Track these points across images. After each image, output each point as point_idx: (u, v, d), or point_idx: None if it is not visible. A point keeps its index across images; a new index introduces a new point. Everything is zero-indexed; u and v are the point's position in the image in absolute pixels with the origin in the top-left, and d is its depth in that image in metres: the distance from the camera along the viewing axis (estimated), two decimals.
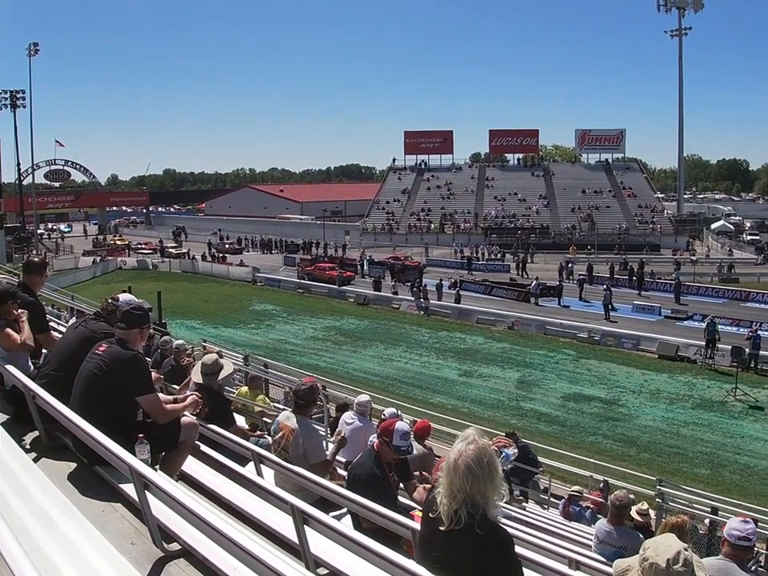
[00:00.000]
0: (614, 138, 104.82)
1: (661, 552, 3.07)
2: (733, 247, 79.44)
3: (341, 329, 47.29)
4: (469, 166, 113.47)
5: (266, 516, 5.34)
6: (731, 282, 60.43)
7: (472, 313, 49.09)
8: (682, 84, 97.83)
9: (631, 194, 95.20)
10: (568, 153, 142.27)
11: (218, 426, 7.65)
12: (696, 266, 65.97)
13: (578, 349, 40.85)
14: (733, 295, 54.96)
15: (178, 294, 57.30)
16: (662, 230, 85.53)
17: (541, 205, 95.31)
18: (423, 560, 3.88)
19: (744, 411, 30.66)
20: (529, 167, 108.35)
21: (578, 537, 10.43)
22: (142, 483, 4.30)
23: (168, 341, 14.65)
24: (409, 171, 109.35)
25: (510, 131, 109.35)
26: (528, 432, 27.24)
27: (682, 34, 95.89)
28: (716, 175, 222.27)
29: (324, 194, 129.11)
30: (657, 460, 25.68)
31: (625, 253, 73.26)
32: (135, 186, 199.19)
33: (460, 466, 3.70)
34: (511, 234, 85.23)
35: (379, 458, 6.65)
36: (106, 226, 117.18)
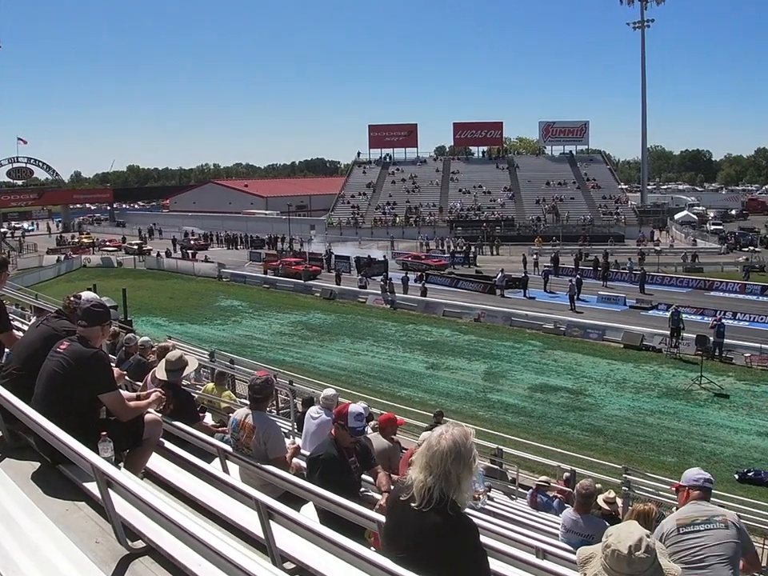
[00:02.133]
0: (578, 129, 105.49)
1: (623, 539, 3.08)
2: (696, 237, 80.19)
3: (307, 323, 47.26)
4: (434, 159, 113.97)
5: (233, 512, 5.31)
6: (695, 272, 61.05)
7: (438, 306, 49.21)
8: (644, 76, 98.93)
9: (595, 186, 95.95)
10: (532, 145, 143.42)
11: (184, 423, 7.64)
12: (660, 256, 66.48)
13: (544, 340, 41.05)
14: (697, 284, 55.49)
15: (143, 291, 56.93)
16: (626, 221, 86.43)
17: (506, 197, 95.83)
18: (389, 551, 3.88)
19: (709, 399, 30.96)
20: (493, 160, 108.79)
21: (546, 526, 10.50)
22: (104, 481, 4.26)
23: (132, 338, 14.57)
24: (374, 165, 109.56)
25: (474, 124, 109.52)
26: (495, 423, 27.50)
27: (644, 26, 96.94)
28: (679, 166, 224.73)
29: (289, 189, 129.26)
30: (624, 449, 25.86)
31: (590, 244, 73.85)
32: (99, 183, 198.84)
33: (444, 441, 3.74)
34: (476, 227, 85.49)
35: (337, 443, 6.66)
36: (70, 223, 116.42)
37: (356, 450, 6.85)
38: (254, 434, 6.67)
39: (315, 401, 12.71)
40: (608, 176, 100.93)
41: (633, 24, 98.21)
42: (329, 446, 6.65)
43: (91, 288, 22.15)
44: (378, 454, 9.06)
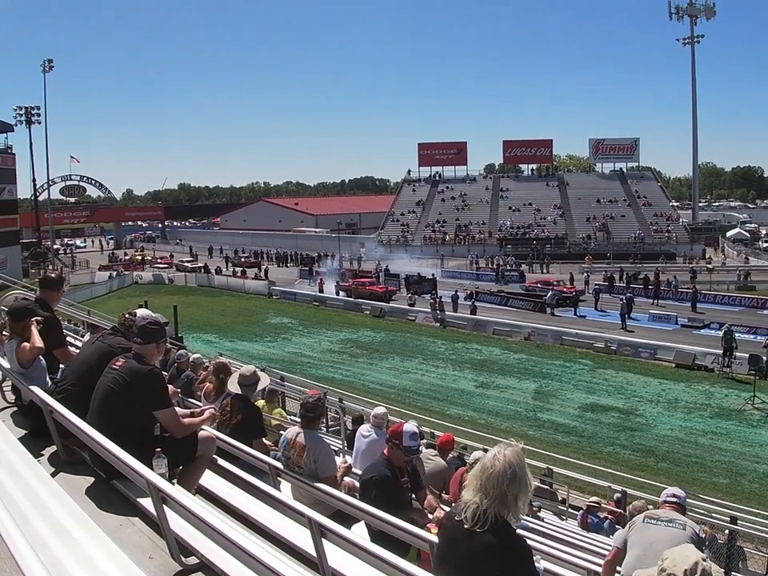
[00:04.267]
0: (628, 146, 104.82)
1: (678, 563, 3.06)
2: (749, 255, 79.13)
3: (357, 341, 47.29)
4: (483, 176, 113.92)
5: (285, 530, 5.34)
6: (748, 290, 60.27)
7: (488, 324, 49.03)
8: (695, 92, 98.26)
9: (646, 203, 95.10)
10: (582, 162, 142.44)
11: (249, 435, 7.83)
12: (712, 274, 65.75)
13: (595, 359, 40.71)
14: (749, 303, 54.73)
15: (193, 308, 57.41)
16: (677, 239, 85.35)
17: (556, 215, 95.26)
18: (441, 571, 3.88)
19: (762, 420, 30.46)
20: (543, 177, 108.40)
21: (596, 548, 10.39)
22: (159, 497, 4.31)
23: (184, 354, 14.69)
24: (423, 183, 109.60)
25: (523, 141, 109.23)
26: (545, 443, 27.28)
27: (694, 41, 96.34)
28: (731, 183, 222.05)
29: (339, 207, 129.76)
30: (675, 470, 25.54)
31: (641, 262, 73.24)
32: (150, 201, 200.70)
33: (498, 463, 3.76)
34: (526, 245, 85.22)
35: (390, 462, 6.64)
36: (122, 240, 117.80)
37: (407, 471, 6.85)
38: (305, 452, 6.69)
39: (365, 419, 12.75)
40: (659, 193, 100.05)
41: (683, 40, 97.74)
42: (382, 466, 6.63)
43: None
44: (436, 475, 9.09)
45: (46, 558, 3.77)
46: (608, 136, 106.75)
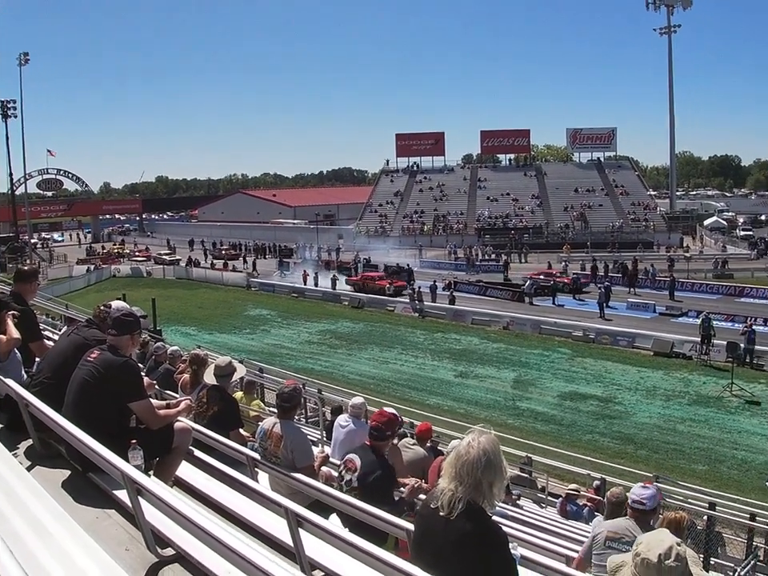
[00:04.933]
0: (606, 136, 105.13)
1: (653, 547, 3.06)
2: (726, 243, 79.51)
3: (336, 332, 47.32)
4: (461, 167, 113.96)
5: (262, 520, 5.31)
6: (725, 278, 60.61)
7: (467, 314, 49.18)
8: (672, 81, 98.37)
9: (623, 192, 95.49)
10: (560, 152, 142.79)
11: (225, 427, 7.79)
12: (690, 262, 66.02)
13: (573, 347, 40.91)
14: (727, 291, 54.98)
15: (172, 300, 57.27)
16: (654, 228, 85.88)
17: (533, 204, 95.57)
18: (417, 559, 3.88)
19: (740, 406, 30.71)
20: (521, 167, 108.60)
21: (575, 535, 10.44)
22: (134, 489, 4.29)
23: (162, 347, 14.65)
24: (401, 173, 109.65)
25: (501, 132, 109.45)
26: (524, 431, 27.39)
27: (671, 31, 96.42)
28: (708, 171, 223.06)
29: (317, 198, 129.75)
30: (654, 457, 25.71)
31: (618, 251, 73.52)
32: (128, 194, 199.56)
33: (473, 451, 3.74)
34: (504, 235, 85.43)
35: (381, 455, 6.58)
36: (100, 234, 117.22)
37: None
38: (282, 442, 6.67)
39: (344, 409, 12.73)
40: (636, 182, 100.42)
41: (659, 30, 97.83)
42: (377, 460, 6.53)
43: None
44: (416, 463, 9.10)
45: (21, 553, 3.74)
46: (585, 125, 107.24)
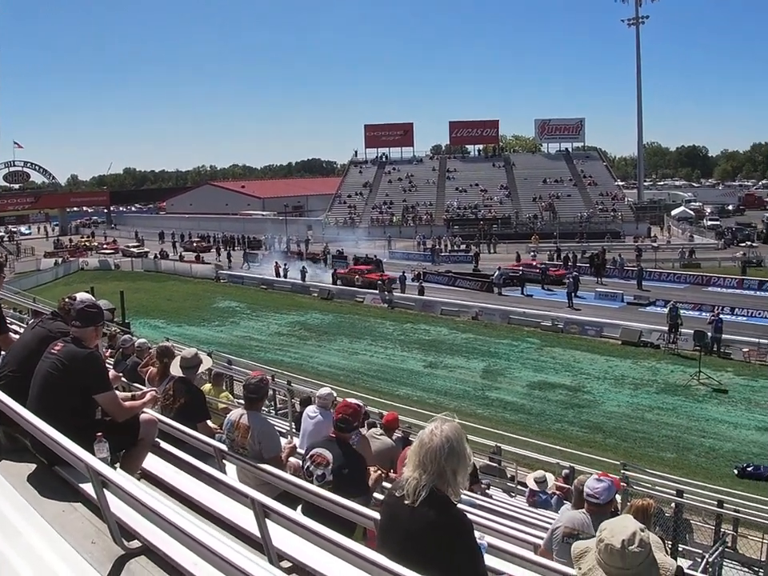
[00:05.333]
0: (574, 127, 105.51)
1: (617, 533, 3.08)
2: (693, 233, 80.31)
3: (305, 324, 47.26)
4: (430, 158, 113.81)
5: (230, 512, 5.30)
6: (692, 268, 61.17)
7: (435, 304, 49.28)
8: (640, 72, 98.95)
9: (592, 183, 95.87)
10: (528, 143, 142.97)
11: (193, 419, 7.76)
12: (657, 252, 66.49)
13: (542, 337, 41.09)
14: (694, 280, 55.46)
15: (140, 293, 56.97)
16: (623, 218, 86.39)
17: (502, 195, 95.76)
18: (384, 548, 3.89)
19: (708, 394, 30.94)
20: (489, 158, 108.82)
21: (544, 523, 10.48)
22: (99, 482, 4.26)
23: (129, 339, 14.57)
24: (370, 164, 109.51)
25: (470, 122, 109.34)
26: (494, 421, 27.49)
27: (639, 22, 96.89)
28: (675, 162, 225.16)
29: (286, 190, 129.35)
30: (623, 445, 25.85)
31: (587, 241, 73.95)
32: (96, 186, 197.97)
33: (436, 439, 3.77)
34: (473, 225, 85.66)
35: (349, 446, 6.58)
36: (68, 227, 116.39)
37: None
38: (249, 433, 6.66)
39: (313, 400, 12.75)
40: (604, 173, 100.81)
41: (627, 21, 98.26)
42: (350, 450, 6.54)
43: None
44: (384, 453, 9.12)
45: None
46: (554, 116, 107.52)
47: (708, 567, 11.69)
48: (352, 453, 6.46)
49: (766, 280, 53.25)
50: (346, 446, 6.42)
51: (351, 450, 6.50)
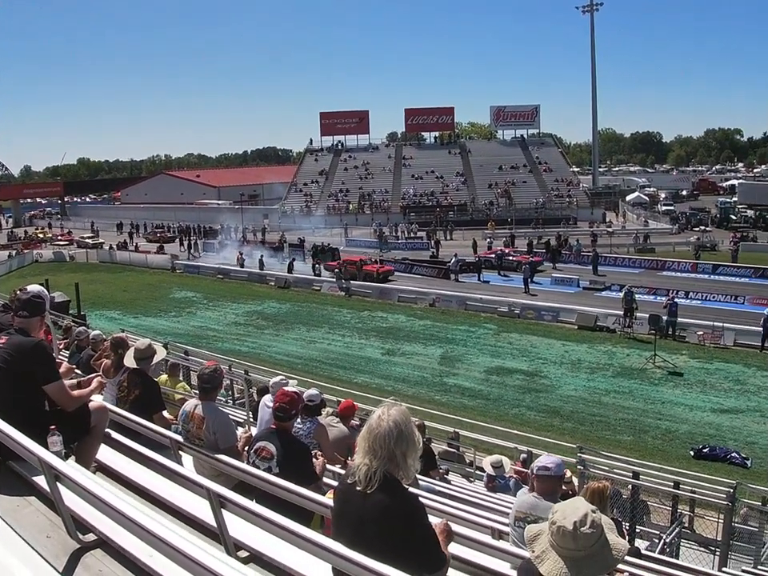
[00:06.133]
0: (529, 113, 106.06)
1: (568, 515, 3.10)
2: (648, 218, 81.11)
3: (262, 313, 47.14)
4: (386, 145, 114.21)
5: (186, 503, 5.28)
6: (647, 252, 61.86)
7: (393, 291, 49.45)
8: (594, 59, 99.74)
9: (547, 169, 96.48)
10: (484, 130, 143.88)
11: (148, 410, 7.68)
12: (612, 237, 67.05)
13: (499, 323, 41.33)
14: (649, 265, 56.23)
15: (96, 284, 56.32)
16: (578, 203, 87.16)
17: (458, 182, 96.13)
18: (338, 535, 3.90)
19: (663, 377, 31.35)
20: (445, 145, 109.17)
21: (502, 507, 10.54)
22: (53, 475, 4.23)
23: (83, 332, 14.46)
24: (325, 152, 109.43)
25: (425, 110, 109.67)
26: (452, 407, 27.62)
27: (593, 9, 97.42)
28: (630, 148, 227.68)
29: (241, 178, 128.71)
30: (580, 429, 26.09)
31: (542, 227, 74.32)
32: (49, 177, 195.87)
33: (384, 423, 3.79)
34: (430, 212, 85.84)
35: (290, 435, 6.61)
36: (21, 219, 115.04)
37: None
38: (204, 424, 6.64)
39: (270, 390, 12.73)
40: (559, 159, 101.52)
41: (582, 8, 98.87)
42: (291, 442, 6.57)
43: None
44: (341, 441, 9.14)
45: None
46: (509, 103, 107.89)
47: (665, 548, 11.84)
48: (294, 443, 6.52)
49: (719, 264, 54.14)
50: (287, 437, 6.46)
51: (293, 439, 6.56)
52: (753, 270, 52.06)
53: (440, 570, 3.95)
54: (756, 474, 21.80)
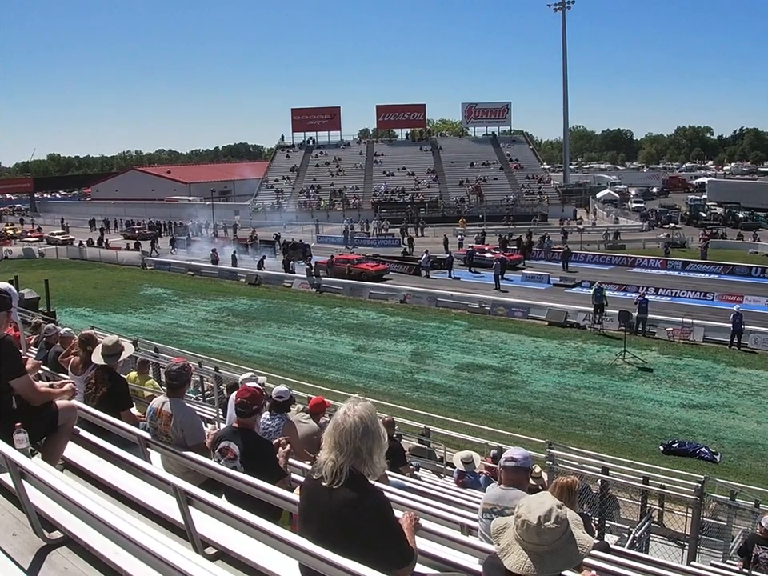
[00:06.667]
0: (500, 111, 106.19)
1: (533, 509, 3.12)
2: (618, 215, 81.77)
3: (233, 309, 46.97)
4: (357, 142, 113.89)
5: (154, 500, 5.28)
6: (617, 249, 62.41)
7: (364, 288, 49.40)
8: (566, 57, 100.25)
9: (518, 166, 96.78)
10: (455, 127, 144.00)
11: (116, 407, 7.68)
12: (583, 234, 67.40)
13: (470, 319, 41.43)
14: (619, 261, 56.66)
15: (66, 281, 55.92)
16: (549, 201, 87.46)
17: (429, 179, 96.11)
18: (305, 531, 3.90)
19: (633, 373, 31.55)
20: (417, 142, 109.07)
21: (472, 503, 10.57)
22: (17, 472, 4.23)
23: (52, 328, 14.34)
24: (297, 149, 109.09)
25: (397, 106, 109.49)
26: (423, 403, 27.59)
27: (565, 7, 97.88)
28: (601, 145, 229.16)
29: (212, 174, 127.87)
30: (550, 424, 26.17)
31: (513, 224, 74.56)
32: (19, 173, 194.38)
33: (350, 419, 3.82)
34: (401, 209, 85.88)
35: (252, 432, 6.60)
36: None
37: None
38: (172, 421, 6.62)
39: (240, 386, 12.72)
40: (531, 156, 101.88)
41: (554, 5, 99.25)
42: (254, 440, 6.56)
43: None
44: (310, 437, 9.14)
45: None
46: (480, 100, 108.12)
47: (635, 542, 11.93)
48: (257, 441, 6.51)
49: (689, 261, 54.78)
50: (249, 435, 6.44)
51: (255, 437, 6.55)
52: (722, 267, 52.67)
53: (408, 564, 3.97)
54: (725, 468, 22.04)
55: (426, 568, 4.61)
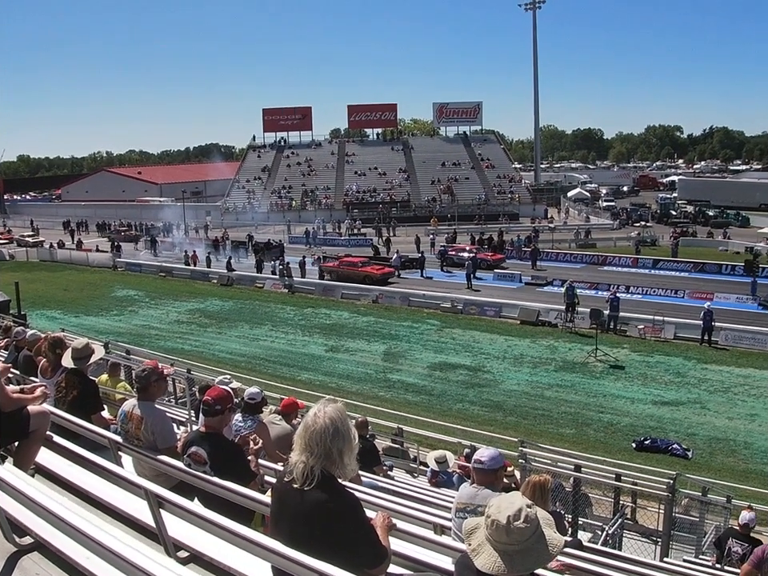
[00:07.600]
0: (472, 110, 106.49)
1: (503, 509, 3.14)
2: (589, 214, 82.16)
3: (205, 311, 46.82)
4: (329, 142, 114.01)
5: (126, 504, 5.25)
6: (588, 248, 62.75)
7: (336, 288, 49.39)
8: (536, 56, 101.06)
9: (489, 165, 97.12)
10: (426, 126, 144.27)
11: (86, 411, 7.61)
12: (554, 232, 67.64)
13: (442, 319, 41.51)
14: (590, 260, 56.97)
15: (36, 283, 55.43)
16: (520, 200, 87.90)
17: (401, 179, 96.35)
18: (276, 533, 3.90)
19: (605, 371, 31.77)
20: (388, 141, 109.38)
21: (445, 502, 10.59)
22: None
23: (21, 331, 14.24)
24: (268, 149, 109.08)
25: (368, 106, 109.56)
26: (396, 403, 27.61)
27: (536, 7, 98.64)
28: (572, 144, 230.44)
29: (183, 175, 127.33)
30: (523, 423, 26.28)
31: (485, 223, 74.74)
32: None
33: (320, 421, 3.81)
34: (373, 209, 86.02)
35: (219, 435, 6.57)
36: None
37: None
38: (143, 424, 6.58)
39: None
40: (502, 156, 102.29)
41: (525, 5, 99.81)
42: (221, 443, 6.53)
43: None
44: (283, 439, 9.10)
45: None
46: (452, 100, 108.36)
47: (608, 539, 11.97)
48: (225, 445, 6.42)
49: (659, 259, 55.18)
50: (217, 439, 6.36)
51: (223, 441, 6.47)
52: (692, 265, 53.17)
53: (381, 564, 3.98)
54: (697, 464, 22.27)
55: (400, 568, 4.62)
